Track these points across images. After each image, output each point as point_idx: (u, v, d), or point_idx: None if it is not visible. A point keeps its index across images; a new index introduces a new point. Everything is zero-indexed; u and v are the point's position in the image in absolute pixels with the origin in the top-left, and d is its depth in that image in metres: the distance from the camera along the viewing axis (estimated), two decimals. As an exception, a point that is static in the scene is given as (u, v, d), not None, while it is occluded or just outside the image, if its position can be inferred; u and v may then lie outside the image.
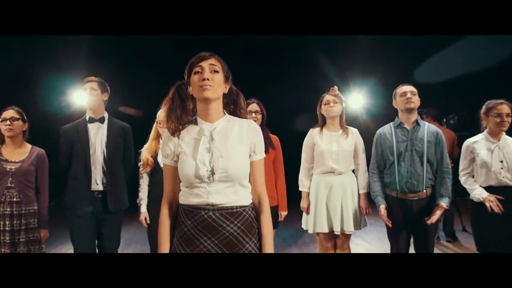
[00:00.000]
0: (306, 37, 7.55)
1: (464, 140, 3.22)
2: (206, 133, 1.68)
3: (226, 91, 1.75)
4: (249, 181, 1.74)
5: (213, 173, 1.62)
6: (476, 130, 3.20)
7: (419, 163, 2.96)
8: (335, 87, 3.25)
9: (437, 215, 2.87)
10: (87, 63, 5.84)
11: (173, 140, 1.71)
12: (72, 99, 5.81)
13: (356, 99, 7.63)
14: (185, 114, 1.73)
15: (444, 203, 2.89)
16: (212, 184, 1.63)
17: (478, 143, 3.09)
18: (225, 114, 1.77)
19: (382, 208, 2.99)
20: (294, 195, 3.43)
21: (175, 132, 1.70)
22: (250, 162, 1.73)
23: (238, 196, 1.67)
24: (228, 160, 1.63)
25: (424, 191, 2.95)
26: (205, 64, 1.66)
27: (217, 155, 1.64)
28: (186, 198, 1.68)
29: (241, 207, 1.66)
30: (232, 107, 1.83)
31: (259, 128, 1.78)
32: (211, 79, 1.64)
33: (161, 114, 3.12)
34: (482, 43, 6.66)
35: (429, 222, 2.84)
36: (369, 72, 7.99)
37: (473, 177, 3.14)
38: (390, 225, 2.94)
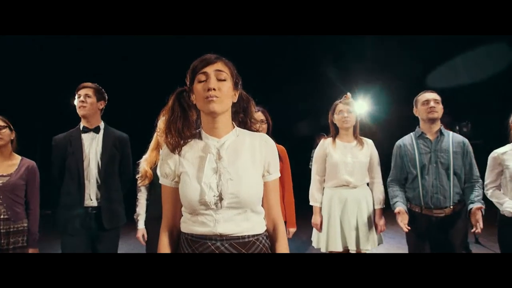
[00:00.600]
0: (310, 41, 7.36)
1: (478, 149, 2.99)
2: (212, 150, 1.44)
3: (235, 100, 1.50)
4: (262, 205, 1.49)
5: (221, 199, 1.38)
6: (491, 138, 2.94)
7: (445, 176, 2.72)
8: (349, 94, 3.01)
9: (479, 219, 2.55)
10: (85, 67, 5.64)
11: (174, 157, 1.46)
12: (69, 108, 5.58)
13: (361, 105, 7.42)
14: (187, 127, 1.47)
15: (479, 203, 2.60)
16: (220, 211, 1.39)
17: (507, 154, 2.80)
18: (234, 127, 1.52)
19: (402, 210, 2.69)
20: (299, 207, 3.16)
21: (176, 148, 1.45)
22: (264, 184, 1.48)
23: (250, 224, 1.42)
24: (239, 183, 1.39)
25: (451, 207, 2.71)
26: (210, 70, 1.40)
27: (226, 177, 1.39)
28: (189, 226, 1.43)
29: (253, 236, 1.43)
30: (242, 116, 1.58)
31: (273, 143, 1.54)
32: (218, 88, 1.39)
33: (161, 123, 2.87)
34: (497, 46, 6.44)
35: (478, 231, 2.53)
36: (373, 77, 7.79)
37: (500, 189, 2.87)
38: (406, 230, 2.67)
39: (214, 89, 1.37)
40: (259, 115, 2.91)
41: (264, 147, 1.49)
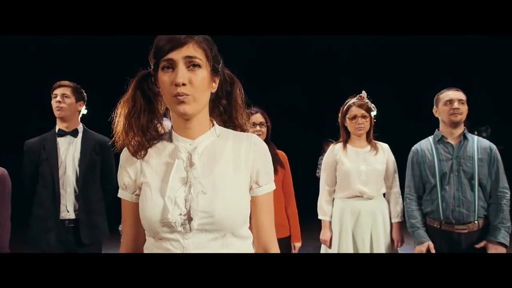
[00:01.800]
0: (314, 40, 7.08)
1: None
2: (182, 154, 1.10)
3: (214, 89, 1.15)
4: (250, 227, 1.16)
5: (190, 219, 1.04)
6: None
7: (469, 186, 2.39)
8: (364, 93, 2.65)
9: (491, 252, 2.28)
10: (66, 66, 5.38)
11: (135, 163, 1.13)
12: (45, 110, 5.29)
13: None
14: (152, 123, 1.14)
15: (502, 238, 2.30)
16: (189, 235, 1.05)
17: None
18: (213, 124, 1.17)
19: (431, 246, 2.41)
20: (304, 221, 2.85)
21: (139, 150, 1.11)
22: (251, 199, 1.15)
23: (230, 252, 1.09)
24: (214, 197, 1.06)
25: (476, 222, 2.38)
26: (178, 56, 1.04)
27: (197, 189, 1.05)
28: (152, 252, 1.11)
29: None
30: (225, 103, 1.22)
31: (265, 146, 1.19)
32: (189, 81, 1.04)
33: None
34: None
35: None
36: (382, 76, 7.51)
37: None
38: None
39: (183, 84, 1.03)
40: (257, 117, 2.59)
41: (252, 151, 1.15)
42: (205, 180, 1.07)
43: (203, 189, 1.05)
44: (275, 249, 1.20)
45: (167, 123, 2.29)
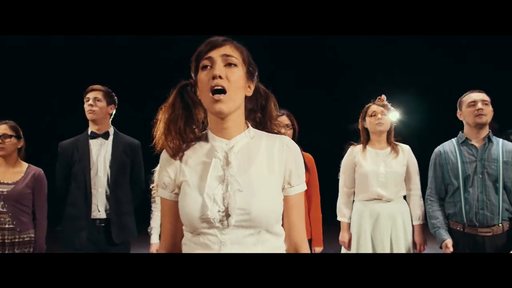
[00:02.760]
0: (338, 41, 7.10)
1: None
2: (219, 154, 1.17)
3: (249, 94, 1.23)
4: (282, 225, 1.23)
5: (228, 215, 1.11)
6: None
7: (493, 189, 2.38)
8: (383, 96, 2.71)
9: None
10: (96, 70, 5.55)
11: (174, 164, 1.21)
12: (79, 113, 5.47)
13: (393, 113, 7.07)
14: (190, 127, 1.23)
15: None
16: (226, 230, 1.12)
17: None
18: (247, 126, 1.25)
19: (449, 243, 2.40)
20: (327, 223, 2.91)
21: (177, 153, 1.20)
22: (284, 198, 1.22)
23: (264, 248, 1.15)
24: (251, 195, 1.12)
25: (500, 225, 2.36)
26: (216, 54, 1.14)
27: (234, 188, 1.12)
28: (190, 249, 1.17)
29: None
30: (260, 116, 1.30)
31: (297, 148, 1.26)
32: (226, 76, 1.13)
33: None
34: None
35: None
36: (406, 79, 7.44)
37: None
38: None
39: (220, 77, 1.12)
40: (283, 119, 2.65)
41: (285, 152, 1.22)
42: (241, 178, 1.14)
43: (240, 187, 1.12)
44: (305, 247, 1.26)
45: None
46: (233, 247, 1.11)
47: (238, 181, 1.13)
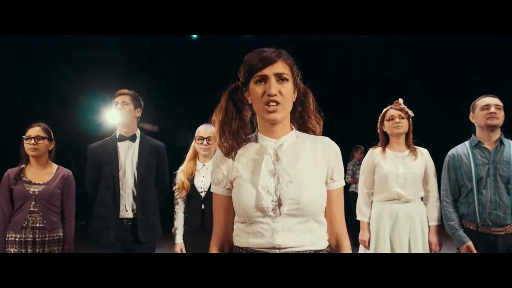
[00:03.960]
0: (342, 38, 7.18)
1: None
2: (269, 151, 1.33)
3: (294, 99, 1.38)
4: (325, 217, 1.37)
5: (280, 204, 1.25)
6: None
7: (505, 190, 2.51)
8: (400, 99, 2.83)
9: None
10: (117, 76, 5.67)
11: (227, 162, 1.36)
12: (106, 116, 5.61)
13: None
14: (242, 128, 1.37)
15: None
16: (278, 218, 1.27)
17: None
18: (292, 128, 1.40)
19: (471, 246, 2.52)
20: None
21: (231, 151, 1.35)
22: (326, 192, 1.35)
23: (312, 236, 1.30)
24: (300, 186, 1.27)
25: None
26: (270, 72, 1.28)
27: (285, 180, 1.27)
28: (243, 239, 1.32)
29: (316, 251, 1.29)
30: (300, 109, 1.44)
31: (337, 147, 1.40)
32: (280, 92, 1.27)
33: (201, 130, 2.82)
34: None
35: None
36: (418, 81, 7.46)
37: None
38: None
39: (275, 95, 1.26)
40: None
41: (327, 150, 1.37)
42: (291, 171, 1.28)
43: (291, 179, 1.27)
44: (346, 238, 1.40)
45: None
46: (284, 234, 1.26)
47: (289, 173, 1.28)
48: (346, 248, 1.38)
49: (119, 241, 2.72)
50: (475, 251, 2.52)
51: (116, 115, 2.82)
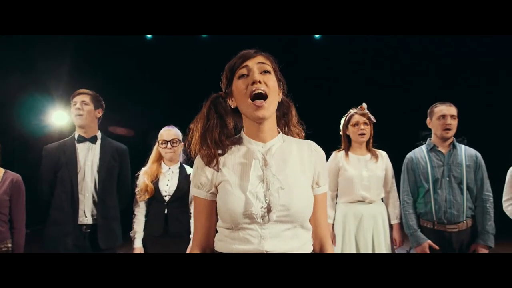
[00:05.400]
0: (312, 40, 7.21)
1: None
2: (257, 155, 1.30)
3: (280, 99, 1.37)
4: (309, 221, 1.37)
5: (269, 211, 1.23)
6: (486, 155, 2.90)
7: (458, 190, 2.73)
8: (364, 104, 2.97)
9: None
10: (71, 75, 5.38)
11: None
12: (53, 117, 5.31)
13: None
14: (224, 136, 1.35)
15: (490, 242, 2.66)
16: (266, 225, 1.24)
17: None
18: (279, 132, 1.40)
19: (426, 248, 2.71)
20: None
21: (211, 160, 1.31)
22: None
23: (299, 241, 1.29)
24: (290, 193, 1.25)
25: (465, 221, 2.72)
26: (251, 63, 1.29)
27: (275, 186, 1.25)
28: (227, 244, 1.28)
29: None
30: (283, 122, 1.45)
31: (323, 152, 1.42)
32: (263, 82, 1.26)
33: (164, 133, 2.78)
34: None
35: None
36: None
37: None
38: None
39: (259, 82, 1.25)
40: None
41: (314, 155, 1.37)
42: (280, 177, 1.27)
43: (281, 185, 1.25)
44: (329, 242, 1.42)
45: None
46: (272, 241, 1.24)
47: (279, 179, 1.26)
48: (330, 252, 1.40)
49: (77, 248, 2.59)
50: (428, 252, 2.69)
51: (75, 115, 2.68)
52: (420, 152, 2.89)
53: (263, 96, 1.26)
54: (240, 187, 1.26)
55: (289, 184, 1.27)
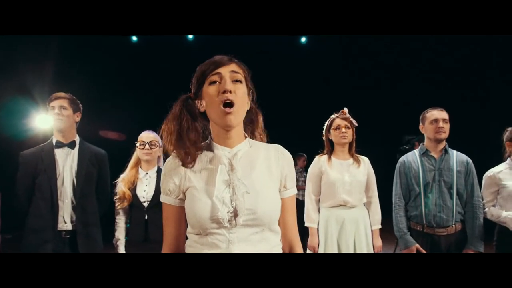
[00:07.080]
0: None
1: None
2: (224, 160, 1.32)
3: (248, 107, 1.38)
4: (278, 225, 1.39)
5: (236, 215, 1.25)
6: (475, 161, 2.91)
7: (448, 195, 2.75)
8: (345, 109, 3.01)
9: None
10: (52, 78, 5.35)
11: (179, 171, 1.33)
12: (35, 121, 5.20)
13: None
14: (198, 138, 1.36)
15: (480, 247, 2.66)
16: (234, 229, 1.25)
17: (503, 173, 2.87)
18: (246, 137, 1.41)
19: (419, 249, 2.72)
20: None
21: (192, 160, 1.32)
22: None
23: (267, 245, 1.30)
24: (256, 197, 1.27)
25: (454, 226, 2.73)
26: (224, 71, 1.29)
27: (241, 190, 1.26)
28: (197, 249, 1.30)
29: None
30: (250, 129, 1.47)
31: (290, 156, 1.43)
32: (234, 91, 1.27)
33: (143, 135, 2.78)
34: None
35: None
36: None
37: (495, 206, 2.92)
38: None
39: (230, 91, 1.26)
40: None
41: (281, 159, 1.39)
42: (246, 181, 1.29)
43: (247, 189, 1.27)
44: (299, 245, 1.44)
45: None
46: (240, 245, 1.25)
47: (244, 183, 1.28)
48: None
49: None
50: (424, 251, 2.70)
51: (53, 121, 2.66)
52: (412, 156, 2.93)
53: (232, 105, 1.27)
54: (206, 192, 1.28)
55: (255, 188, 1.28)
